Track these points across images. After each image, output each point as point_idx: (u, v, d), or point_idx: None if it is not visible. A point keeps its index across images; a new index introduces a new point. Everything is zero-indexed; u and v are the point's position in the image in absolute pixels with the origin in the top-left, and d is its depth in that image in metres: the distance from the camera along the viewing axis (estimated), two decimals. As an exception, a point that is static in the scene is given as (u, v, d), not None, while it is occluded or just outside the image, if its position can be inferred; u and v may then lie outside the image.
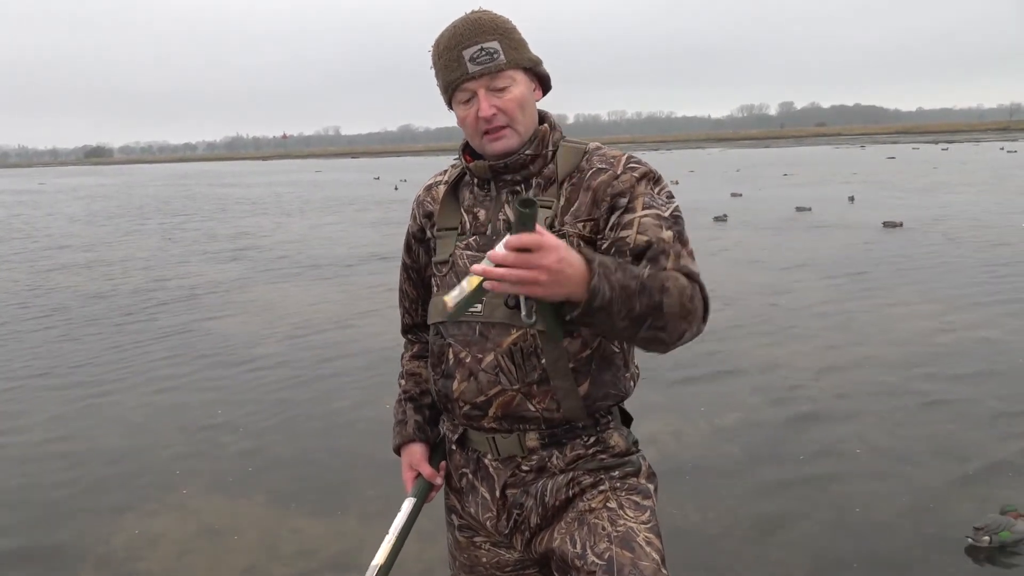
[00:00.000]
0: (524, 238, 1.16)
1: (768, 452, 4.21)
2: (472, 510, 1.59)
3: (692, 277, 1.36)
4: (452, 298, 1.22)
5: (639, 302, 1.25)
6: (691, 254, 1.41)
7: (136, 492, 4.03)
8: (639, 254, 1.38)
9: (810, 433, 4.44)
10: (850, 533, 3.34)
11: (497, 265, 1.17)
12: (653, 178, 1.48)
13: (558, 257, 1.17)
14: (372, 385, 5.62)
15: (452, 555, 1.70)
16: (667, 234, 1.40)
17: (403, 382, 1.76)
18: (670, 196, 1.46)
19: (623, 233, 1.41)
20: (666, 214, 1.42)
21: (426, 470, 1.63)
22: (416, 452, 1.66)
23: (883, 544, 3.24)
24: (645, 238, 1.39)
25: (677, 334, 1.32)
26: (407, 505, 1.59)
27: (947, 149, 52.71)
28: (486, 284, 1.19)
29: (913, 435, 4.34)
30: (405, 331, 1.81)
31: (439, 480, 1.64)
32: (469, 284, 1.20)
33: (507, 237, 1.18)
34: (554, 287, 1.19)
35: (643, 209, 1.42)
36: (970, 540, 3.12)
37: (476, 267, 1.18)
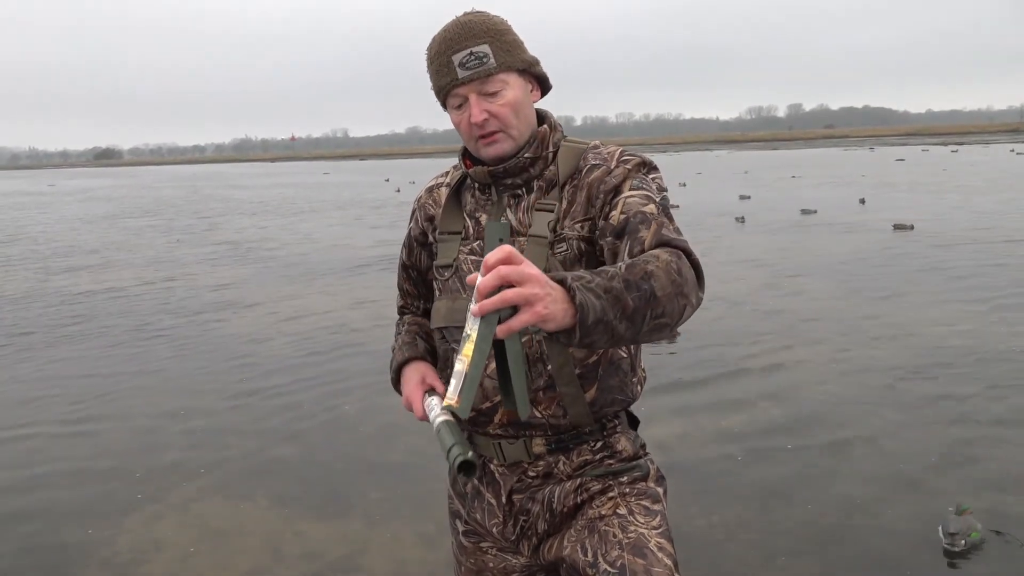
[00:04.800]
0: (501, 250, 1.06)
1: (774, 455, 4.17)
2: (478, 516, 1.56)
3: (674, 245, 1.27)
4: (453, 391, 1.07)
5: (629, 298, 1.14)
6: (677, 231, 1.33)
7: (140, 494, 4.02)
8: (620, 230, 1.33)
9: (817, 436, 4.40)
10: (857, 537, 3.30)
11: (488, 295, 1.05)
12: (647, 167, 1.45)
13: (538, 270, 1.07)
14: (377, 388, 5.60)
15: (457, 560, 1.67)
16: (651, 207, 1.35)
17: (405, 327, 1.69)
18: (661, 187, 1.43)
19: (611, 215, 1.37)
20: (655, 196, 1.38)
21: (441, 387, 1.49)
22: (430, 369, 1.56)
23: (890, 549, 3.20)
24: (625, 216, 1.34)
25: (678, 313, 1.20)
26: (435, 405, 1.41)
27: (957, 151, 52.46)
28: (475, 309, 1.06)
29: (920, 439, 4.29)
30: (401, 314, 1.77)
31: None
32: (467, 350, 1.06)
33: (484, 260, 1.08)
34: (553, 303, 1.07)
35: (630, 190, 1.39)
36: (946, 545, 3.20)
37: (473, 307, 1.05)
